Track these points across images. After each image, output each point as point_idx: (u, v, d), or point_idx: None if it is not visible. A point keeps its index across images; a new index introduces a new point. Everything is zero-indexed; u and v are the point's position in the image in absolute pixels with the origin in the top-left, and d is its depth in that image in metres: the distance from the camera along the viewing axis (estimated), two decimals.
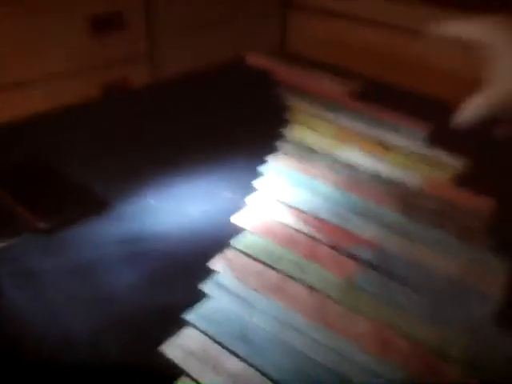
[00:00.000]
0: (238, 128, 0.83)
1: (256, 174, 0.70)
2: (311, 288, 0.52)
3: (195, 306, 0.50)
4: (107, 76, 1.41)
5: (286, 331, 0.47)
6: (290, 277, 0.53)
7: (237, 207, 0.63)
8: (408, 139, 0.78)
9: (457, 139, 0.78)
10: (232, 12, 1.66)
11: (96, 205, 0.62)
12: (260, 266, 0.55)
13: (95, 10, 1.35)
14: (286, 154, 0.74)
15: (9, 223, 0.58)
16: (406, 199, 0.65)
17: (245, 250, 0.56)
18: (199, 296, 0.51)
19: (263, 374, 0.44)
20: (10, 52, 1.25)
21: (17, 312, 0.49)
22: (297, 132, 0.80)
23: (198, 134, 0.81)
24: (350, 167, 0.72)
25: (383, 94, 0.94)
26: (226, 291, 0.51)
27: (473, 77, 0.64)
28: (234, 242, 0.58)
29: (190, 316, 0.49)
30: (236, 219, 0.61)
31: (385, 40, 1.54)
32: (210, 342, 0.46)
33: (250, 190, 0.67)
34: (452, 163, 0.73)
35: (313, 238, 0.59)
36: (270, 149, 0.75)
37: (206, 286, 0.52)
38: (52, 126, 0.81)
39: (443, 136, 0.79)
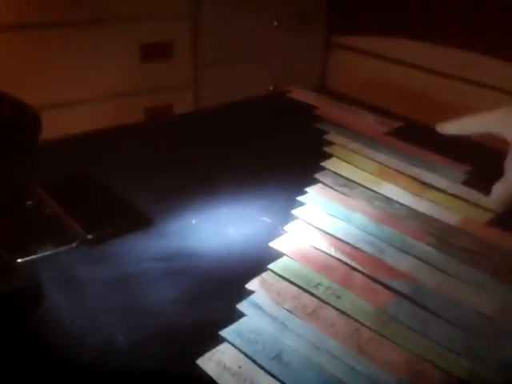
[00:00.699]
0: (279, 158, 0.85)
1: (295, 203, 0.71)
2: (345, 315, 0.53)
3: (232, 324, 0.51)
4: (152, 101, 1.46)
5: (320, 355, 0.48)
6: (325, 302, 0.54)
7: (275, 233, 0.65)
8: (446, 179, 0.79)
9: (495, 181, 0.78)
10: (275, 47, 1.71)
11: (140, 221, 0.65)
12: (296, 290, 0.56)
13: (147, 39, 1.40)
14: (325, 186, 0.76)
15: (58, 233, 0.61)
16: (442, 236, 0.66)
17: (282, 274, 0.58)
18: (236, 315, 0.52)
19: None
20: (63, 72, 1.31)
21: (59, 317, 0.52)
22: (337, 166, 0.82)
23: (239, 161, 0.83)
24: (387, 202, 0.73)
25: (423, 135, 0.95)
26: (261, 312, 0.53)
27: None
28: (271, 265, 0.59)
29: (226, 333, 0.50)
30: (274, 244, 0.63)
31: (424, 83, 1.56)
32: (244, 359, 0.48)
33: (289, 217, 0.68)
34: (490, 204, 0.73)
35: (348, 266, 0.60)
36: (310, 180, 0.77)
37: (243, 306, 0.53)
38: (101, 145, 0.85)
39: (481, 178, 0.80)
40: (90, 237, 0.60)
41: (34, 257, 0.57)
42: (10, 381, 0.45)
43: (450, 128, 0.58)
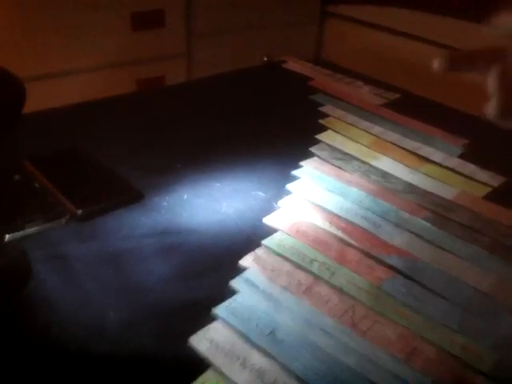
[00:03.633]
0: (273, 131, 0.83)
1: (290, 178, 0.70)
2: (340, 291, 0.52)
3: (225, 302, 0.50)
4: (144, 72, 1.43)
5: (314, 331, 0.48)
6: (320, 278, 0.54)
7: (270, 208, 0.64)
8: (443, 152, 0.78)
9: (491, 155, 0.78)
10: (270, 17, 1.67)
11: (131, 196, 0.64)
12: (290, 266, 0.55)
13: (138, 7, 1.37)
14: (320, 160, 0.75)
15: (47, 209, 0.60)
16: (438, 211, 0.65)
17: (276, 250, 0.57)
18: (229, 292, 0.52)
19: (289, 371, 0.44)
20: (54, 43, 1.28)
21: (48, 296, 0.50)
22: (332, 138, 0.80)
23: (233, 134, 0.82)
24: (383, 176, 0.72)
25: (419, 107, 0.94)
26: (255, 288, 0.52)
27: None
28: (265, 241, 0.58)
29: (219, 310, 0.49)
30: (268, 220, 0.62)
31: (421, 53, 1.53)
32: (237, 336, 0.47)
33: (284, 192, 0.67)
34: (486, 179, 0.72)
35: (344, 242, 0.59)
36: (305, 153, 0.76)
37: (236, 283, 0.53)
38: (91, 117, 0.83)
39: (478, 151, 0.79)
40: (79, 212, 0.59)
41: (22, 233, 0.56)
42: None
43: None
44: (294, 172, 0.71)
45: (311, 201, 0.66)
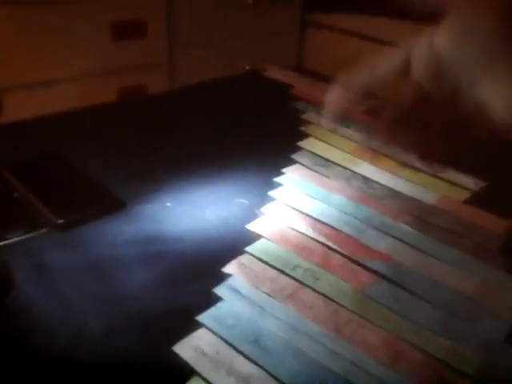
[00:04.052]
0: (255, 139, 0.83)
1: (272, 184, 0.70)
2: (324, 296, 0.52)
3: (209, 309, 0.50)
4: (126, 81, 1.43)
5: (299, 337, 0.48)
6: (304, 284, 0.54)
7: (252, 215, 0.64)
8: None
9: (472, 160, 0.78)
10: (251, 26, 1.69)
11: (113, 204, 0.63)
12: (274, 273, 0.55)
13: (119, 17, 1.37)
14: (302, 167, 0.75)
15: (27, 218, 0.59)
16: (421, 215, 0.66)
17: (259, 256, 0.57)
18: (213, 299, 0.51)
19: (274, 377, 0.44)
20: (34, 53, 1.27)
21: (29, 306, 0.50)
22: (314, 145, 0.81)
23: (215, 142, 0.82)
24: (365, 181, 0.72)
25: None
26: (239, 295, 0.52)
27: None
28: (248, 248, 0.58)
29: (203, 318, 0.49)
30: (251, 226, 0.62)
31: None
32: (222, 344, 0.47)
33: (266, 199, 0.67)
34: (467, 183, 0.73)
35: (327, 247, 0.59)
36: (287, 160, 0.76)
37: (220, 290, 0.52)
38: (72, 126, 0.82)
39: (459, 156, 0.79)
40: (60, 222, 0.59)
41: (3, 243, 0.55)
42: None
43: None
44: (277, 179, 0.71)
45: (294, 207, 0.66)
